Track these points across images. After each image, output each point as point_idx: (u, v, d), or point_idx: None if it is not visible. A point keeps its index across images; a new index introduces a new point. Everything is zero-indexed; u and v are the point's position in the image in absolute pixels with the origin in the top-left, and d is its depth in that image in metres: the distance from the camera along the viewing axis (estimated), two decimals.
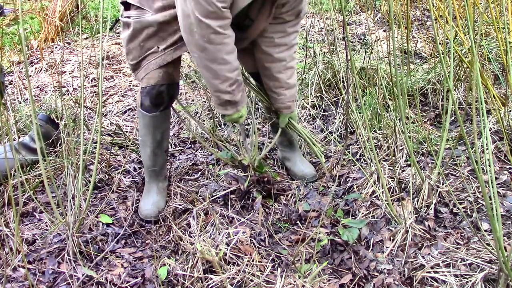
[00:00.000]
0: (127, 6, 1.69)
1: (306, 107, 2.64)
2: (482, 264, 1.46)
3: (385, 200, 1.74)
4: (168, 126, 1.92)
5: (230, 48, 1.55)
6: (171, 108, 1.90)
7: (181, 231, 1.75)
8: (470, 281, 1.41)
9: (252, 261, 1.58)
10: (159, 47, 1.67)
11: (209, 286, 1.50)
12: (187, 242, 1.66)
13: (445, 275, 1.45)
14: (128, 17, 1.67)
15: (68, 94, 3.07)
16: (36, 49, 3.73)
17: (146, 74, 1.72)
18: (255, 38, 1.73)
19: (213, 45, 1.50)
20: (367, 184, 1.94)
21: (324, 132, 2.45)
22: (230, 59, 1.56)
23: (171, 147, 2.46)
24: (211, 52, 1.51)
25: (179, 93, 2.89)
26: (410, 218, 1.66)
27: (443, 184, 1.85)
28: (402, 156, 2.08)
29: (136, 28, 1.66)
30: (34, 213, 1.91)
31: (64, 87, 3.14)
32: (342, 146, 2.24)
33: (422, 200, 1.77)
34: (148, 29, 1.64)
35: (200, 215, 1.82)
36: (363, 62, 2.67)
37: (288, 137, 2.13)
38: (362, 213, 1.79)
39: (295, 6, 1.66)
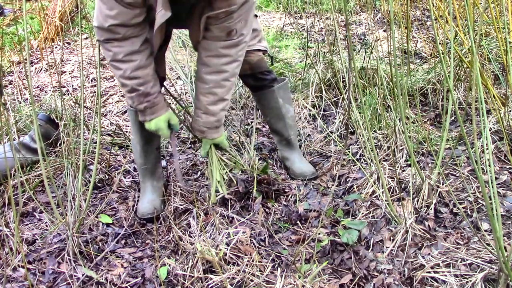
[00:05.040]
0: None
1: (306, 107, 2.64)
2: (482, 264, 1.46)
3: (385, 200, 1.74)
4: None
5: (118, 56, 1.55)
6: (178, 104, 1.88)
7: (181, 231, 1.75)
8: (470, 281, 1.41)
9: (252, 261, 1.58)
10: None
11: (209, 286, 1.50)
12: (187, 242, 1.67)
13: (445, 275, 1.45)
14: None
15: (68, 94, 3.07)
16: (36, 49, 3.73)
17: None
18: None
19: (105, 51, 1.58)
20: (367, 184, 1.94)
21: (324, 132, 2.45)
22: (119, 66, 1.57)
23: (171, 147, 2.46)
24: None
25: (181, 93, 2.89)
26: (410, 218, 1.66)
27: (443, 184, 1.85)
28: (402, 156, 2.08)
29: None
30: (34, 213, 1.91)
31: (64, 87, 3.14)
32: (343, 146, 2.24)
33: (422, 200, 1.77)
34: None
35: (200, 215, 1.82)
36: (363, 62, 2.67)
37: (285, 137, 2.13)
38: (362, 213, 1.79)
39: (225, 21, 1.54)
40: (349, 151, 2.22)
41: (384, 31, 3.58)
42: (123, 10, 1.45)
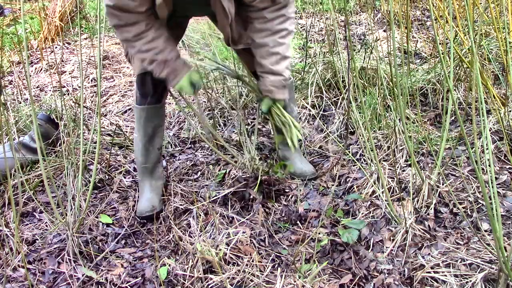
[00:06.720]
0: None
1: (306, 107, 2.64)
2: (482, 264, 1.46)
3: (385, 200, 1.74)
4: (161, 124, 1.95)
5: (128, 37, 1.61)
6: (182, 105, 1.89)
7: (181, 231, 1.75)
8: (470, 281, 1.41)
9: (252, 261, 1.58)
10: None
11: (209, 286, 1.50)
12: (187, 242, 1.66)
13: (445, 275, 1.45)
14: None
15: (68, 94, 3.07)
16: (36, 49, 3.73)
17: (134, 66, 1.83)
18: (231, 27, 1.71)
19: (118, 34, 1.65)
20: (367, 184, 1.94)
21: (324, 132, 2.45)
22: (132, 44, 1.63)
23: (171, 147, 2.46)
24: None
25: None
26: (410, 218, 1.66)
27: (443, 184, 1.85)
28: (402, 156, 2.08)
29: None
30: (34, 213, 1.91)
31: (64, 87, 3.14)
32: (343, 146, 2.24)
33: (422, 200, 1.77)
34: None
35: (200, 215, 1.82)
36: (363, 62, 2.67)
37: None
38: (362, 213, 1.79)
39: None
40: (349, 151, 2.22)
41: (384, 31, 3.58)
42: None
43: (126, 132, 2.58)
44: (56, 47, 3.74)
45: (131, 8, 1.53)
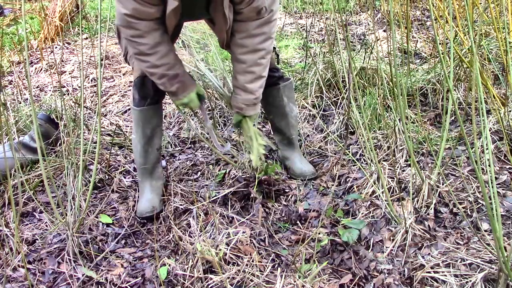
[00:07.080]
0: None
1: (306, 107, 2.64)
2: (482, 264, 1.46)
3: (385, 200, 1.74)
4: (159, 124, 1.96)
5: (143, 50, 1.61)
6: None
7: (181, 231, 1.75)
8: (470, 281, 1.41)
9: (252, 261, 1.58)
10: None
11: (209, 286, 1.50)
12: (187, 242, 1.67)
13: (445, 275, 1.45)
14: None
15: (68, 94, 3.07)
16: (36, 49, 3.73)
17: (133, 68, 1.85)
18: (224, 35, 1.72)
19: (132, 49, 1.64)
20: (367, 184, 1.94)
21: (324, 132, 2.45)
22: (146, 59, 1.63)
23: (171, 147, 2.46)
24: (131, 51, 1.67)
25: None
26: (410, 218, 1.66)
27: (443, 184, 1.85)
28: (402, 156, 2.08)
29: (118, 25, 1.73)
30: (34, 213, 1.91)
31: (64, 87, 3.14)
32: (342, 146, 2.24)
33: (422, 200, 1.77)
34: None
35: (200, 215, 1.82)
36: (363, 62, 2.67)
37: (287, 136, 2.14)
38: (362, 213, 1.79)
39: (253, 2, 1.58)
40: (349, 151, 2.22)
41: (384, 31, 3.58)
42: (138, 7, 1.50)
43: (126, 132, 2.58)
44: (56, 47, 3.74)
45: (148, 15, 1.52)
